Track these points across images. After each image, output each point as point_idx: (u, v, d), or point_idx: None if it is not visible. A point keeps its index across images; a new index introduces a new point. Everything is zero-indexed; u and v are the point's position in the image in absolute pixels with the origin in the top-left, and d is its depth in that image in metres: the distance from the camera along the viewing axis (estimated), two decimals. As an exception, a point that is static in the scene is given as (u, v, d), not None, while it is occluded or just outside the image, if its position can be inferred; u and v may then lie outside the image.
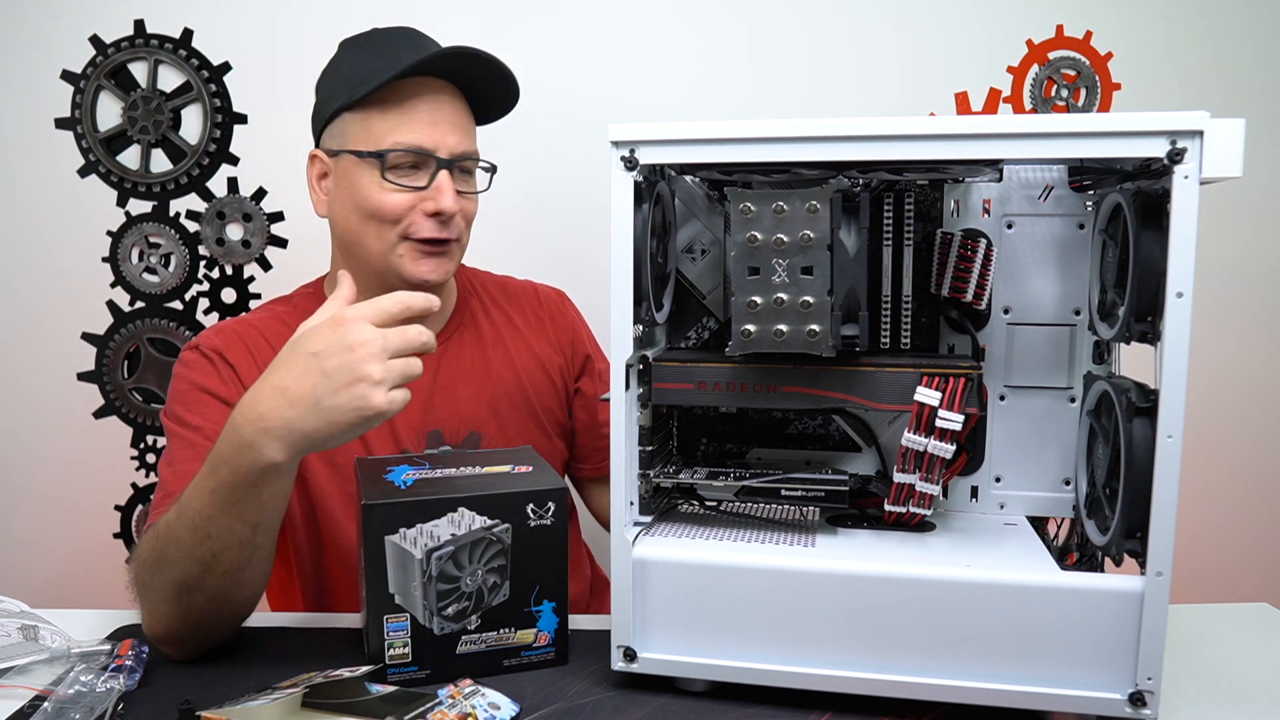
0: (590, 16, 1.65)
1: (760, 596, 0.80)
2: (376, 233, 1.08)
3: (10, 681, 0.84)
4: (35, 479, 1.74)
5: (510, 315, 1.25)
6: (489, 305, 1.25)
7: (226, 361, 1.08)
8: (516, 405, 1.19)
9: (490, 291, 1.27)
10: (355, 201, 1.08)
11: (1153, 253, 0.74)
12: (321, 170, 1.12)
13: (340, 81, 1.10)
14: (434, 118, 1.07)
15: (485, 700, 0.78)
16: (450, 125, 1.09)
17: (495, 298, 1.26)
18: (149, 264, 1.68)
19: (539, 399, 1.21)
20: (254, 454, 0.81)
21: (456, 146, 1.09)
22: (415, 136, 1.06)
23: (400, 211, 1.07)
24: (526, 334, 1.24)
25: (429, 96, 1.08)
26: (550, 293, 1.31)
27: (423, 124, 1.07)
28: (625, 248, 0.79)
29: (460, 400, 1.16)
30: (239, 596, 0.89)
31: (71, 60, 1.63)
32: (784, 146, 0.76)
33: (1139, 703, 0.74)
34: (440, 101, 1.09)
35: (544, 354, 1.23)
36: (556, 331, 1.26)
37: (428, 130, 1.07)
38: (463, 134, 1.10)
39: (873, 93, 1.67)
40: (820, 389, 0.84)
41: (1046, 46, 1.66)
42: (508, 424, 1.18)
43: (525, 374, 1.21)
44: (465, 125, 1.12)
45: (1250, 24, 1.68)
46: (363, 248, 1.10)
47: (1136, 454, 0.74)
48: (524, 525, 0.85)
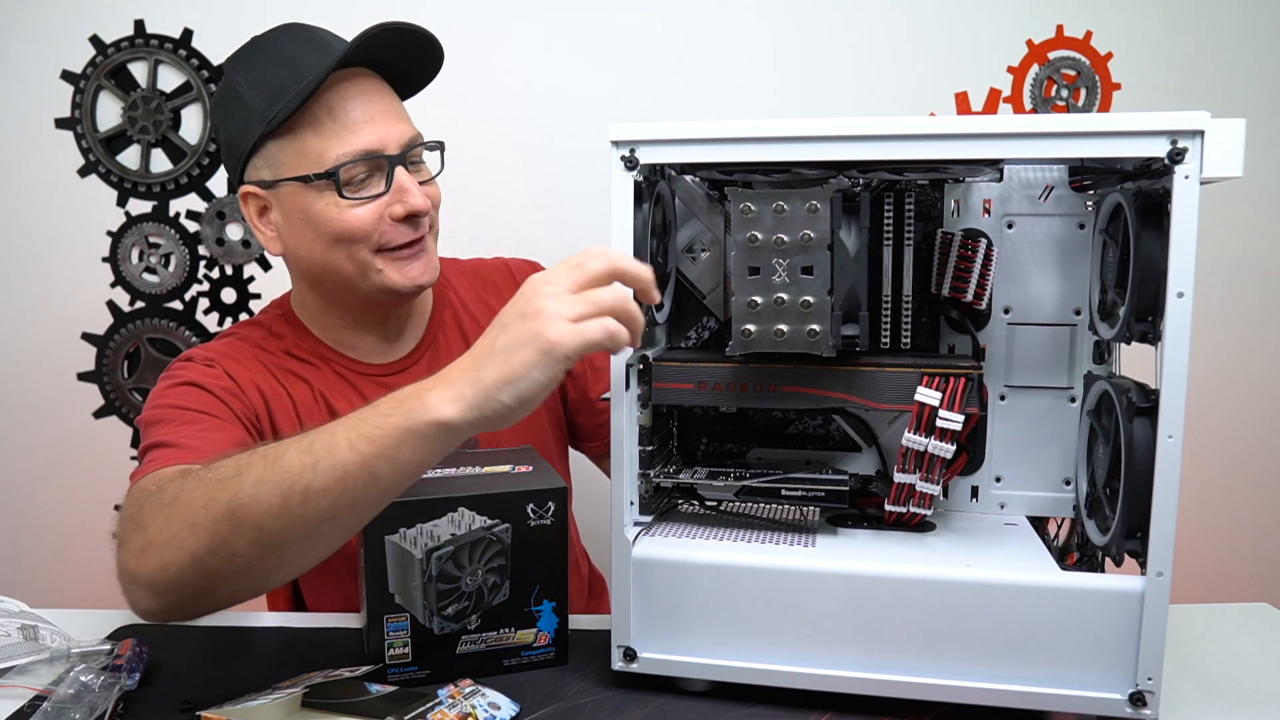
0: (590, 16, 1.65)
1: (760, 596, 0.80)
2: (348, 255, 1.00)
3: (10, 681, 0.84)
4: (35, 479, 1.74)
5: (487, 300, 1.20)
6: (464, 296, 1.20)
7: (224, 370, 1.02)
8: None
9: (463, 280, 1.21)
10: (316, 229, 0.99)
11: (1153, 253, 0.74)
12: (260, 206, 1.03)
13: (246, 109, 0.99)
14: (370, 114, 0.99)
15: (485, 700, 0.78)
16: (388, 116, 1.01)
17: (468, 285, 1.21)
18: (149, 264, 1.68)
19: None
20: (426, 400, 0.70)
21: (401, 136, 1.01)
22: (359, 142, 0.98)
23: (369, 226, 0.99)
24: None
25: (356, 94, 0.99)
26: (524, 266, 1.25)
27: (361, 125, 0.98)
28: (625, 248, 0.79)
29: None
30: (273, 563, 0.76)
31: (71, 60, 1.63)
32: (784, 146, 0.76)
33: (1139, 703, 0.74)
34: (369, 95, 1.00)
35: None
36: None
37: (369, 130, 0.98)
38: (402, 120, 1.02)
39: (873, 92, 1.67)
40: (820, 389, 0.84)
41: (1046, 46, 1.66)
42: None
43: None
44: (398, 110, 1.03)
45: (1250, 24, 1.68)
46: (336, 274, 1.02)
47: (1137, 454, 0.74)
48: (524, 525, 0.85)
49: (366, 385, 1.10)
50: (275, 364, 1.07)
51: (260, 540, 0.74)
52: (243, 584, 0.79)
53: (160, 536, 0.77)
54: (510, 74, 1.66)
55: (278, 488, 0.72)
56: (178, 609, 0.81)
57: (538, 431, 1.19)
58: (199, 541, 0.75)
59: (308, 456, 0.72)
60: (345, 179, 0.98)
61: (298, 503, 0.72)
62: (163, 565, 0.77)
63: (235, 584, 0.79)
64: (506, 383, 0.69)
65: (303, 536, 0.74)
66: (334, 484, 0.71)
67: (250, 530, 0.73)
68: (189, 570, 0.76)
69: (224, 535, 0.74)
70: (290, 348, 1.09)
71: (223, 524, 0.74)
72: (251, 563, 0.75)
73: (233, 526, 0.74)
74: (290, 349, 1.09)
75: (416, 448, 0.71)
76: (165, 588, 0.78)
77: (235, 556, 0.75)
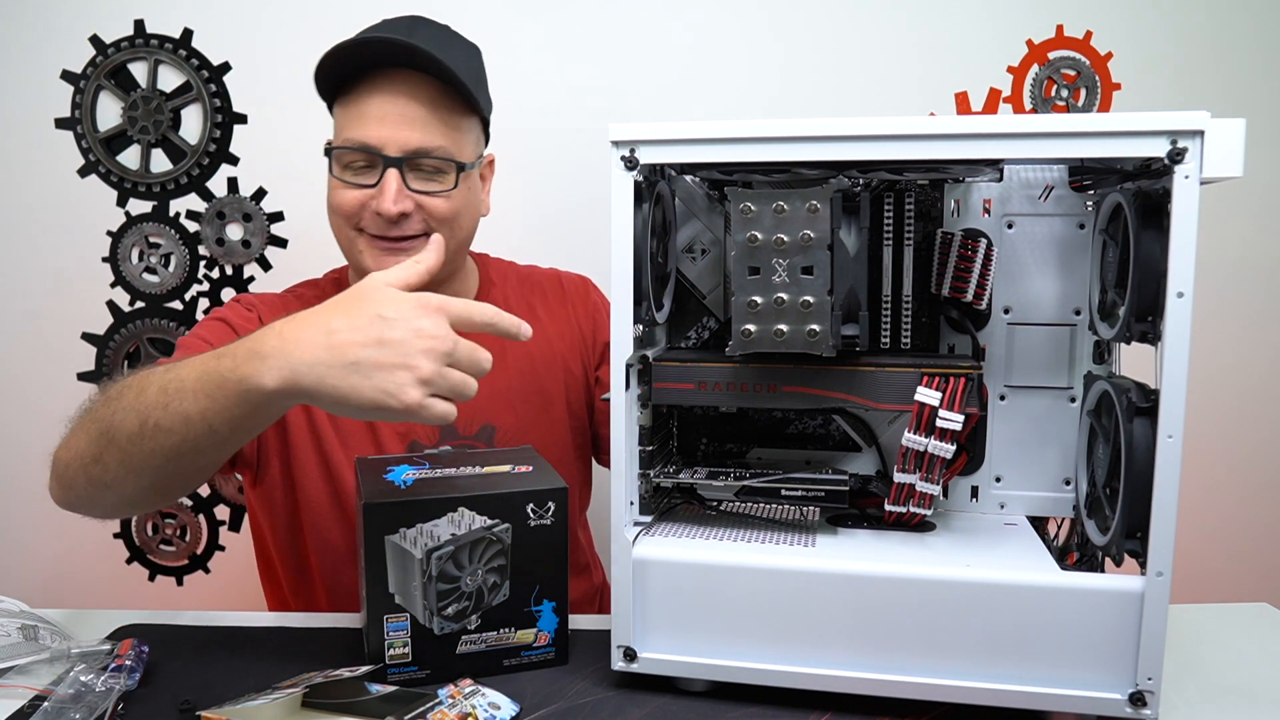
0: (590, 16, 1.65)
1: (760, 596, 0.80)
2: (339, 227, 1.10)
3: (10, 681, 0.83)
4: (35, 479, 1.74)
5: (533, 305, 1.24)
6: (510, 296, 1.24)
7: (260, 317, 1.11)
8: (531, 398, 1.18)
9: (511, 282, 1.26)
10: (326, 196, 1.10)
11: (1153, 253, 0.74)
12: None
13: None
14: (384, 112, 1.04)
15: (485, 700, 0.78)
16: (404, 120, 1.04)
17: (517, 288, 1.25)
18: (149, 264, 1.68)
19: (556, 392, 1.20)
20: (258, 366, 0.75)
21: (409, 143, 1.04)
22: (362, 133, 1.04)
23: (350, 208, 1.07)
24: (547, 324, 1.22)
25: (385, 91, 1.04)
26: (574, 279, 1.30)
27: (371, 120, 1.04)
28: (625, 248, 0.79)
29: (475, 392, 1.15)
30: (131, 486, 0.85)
31: (71, 60, 1.63)
32: (784, 146, 0.76)
33: (1139, 703, 0.74)
34: (395, 96, 1.04)
35: (565, 344, 1.22)
36: (579, 318, 1.24)
37: (375, 126, 1.04)
38: (419, 128, 1.05)
39: (873, 93, 1.67)
40: (820, 389, 0.84)
41: (1046, 46, 1.66)
42: (523, 417, 1.17)
43: (543, 367, 1.19)
44: (424, 119, 1.05)
45: (1250, 24, 1.68)
46: (338, 240, 1.12)
47: (1137, 454, 0.74)
48: (524, 525, 0.85)
49: None
50: None
51: (124, 461, 0.82)
52: (116, 495, 0.87)
53: (71, 439, 0.88)
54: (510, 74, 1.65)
55: (137, 416, 0.80)
56: (76, 504, 0.91)
57: (556, 436, 1.20)
58: (87, 450, 0.85)
59: (162, 396, 0.79)
60: (343, 161, 1.07)
61: (150, 434, 0.80)
62: (66, 462, 0.88)
63: (111, 493, 0.87)
64: (340, 400, 0.74)
65: (155, 466, 0.82)
66: (178, 426, 0.79)
67: (117, 450, 0.82)
68: (79, 473, 0.86)
69: (100, 449, 0.83)
70: None
71: (100, 439, 0.83)
72: (119, 478, 0.84)
73: (106, 443, 0.83)
74: None
75: (249, 409, 0.78)
76: (65, 482, 0.89)
77: (107, 470, 0.84)
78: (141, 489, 0.86)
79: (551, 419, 1.19)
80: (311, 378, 0.74)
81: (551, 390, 1.20)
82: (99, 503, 0.90)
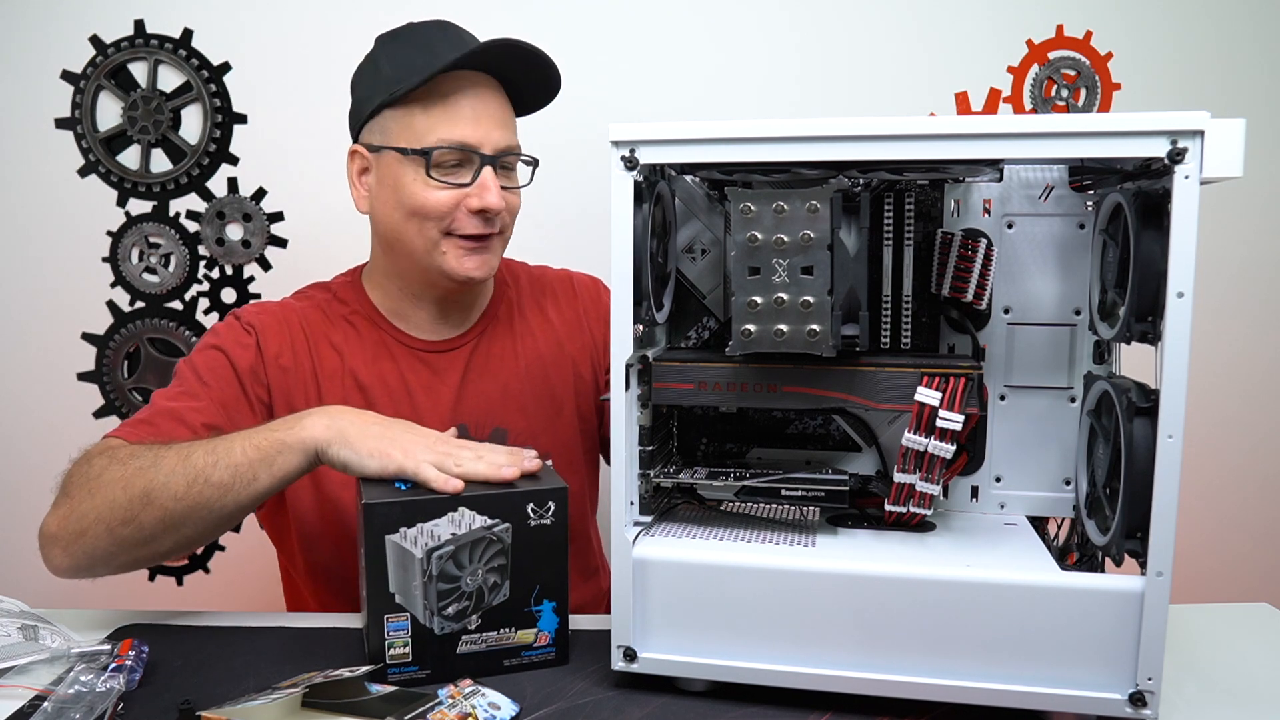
0: (591, 16, 1.65)
1: (760, 596, 0.80)
2: (419, 230, 1.08)
3: (10, 681, 0.84)
4: (35, 479, 1.74)
5: (544, 307, 1.25)
6: (523, 297, 1.24)
7: (257, 340, 1.11)
8: (543, 401, 1.18)
9: (524, 283, 1.26)
10: (399, 199, 1.07)
11: (1153, 253, 0.74)
12: (362, 166, 1.12)
13: (379, 77, 1.09)
14: (477, 113, 1.07)
15: (485, 700, 0.78)
16: (493, 121, 1.08)
17: (529, 290, 1.26)
18: (149, 264, 1.68)
19: (566, 395, 1.20)
20: (302, 424, 0.92)
21: (500, 142, 1.08)
22: (459, 133, 1.06)
23: (445, 209, 1.07)
24: (559, 326, 1.23)
25: (472, 92, 1.08)
26: (586, 280, 1.30)
27: (466, 120, 1.06)
28: (625, 248, 0.79)
29: (487, 395, 1.16)
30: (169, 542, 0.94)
31: (71, 60, 1.63)
32: (784, 146, 0.76)
33: (1139, 703, 0.74)
34: (483, 96, 1.08)
35: (575, 346, 1.22)
36: (590, 321, 1.25)
37: (471, 126, 1.06)
38: (505, 129, 1.10)
39: (873, 93, 1.67)
40: (820, 389, 0.84)
41: (1046, 46, 1.66)
42: (534, 419, 1.17)
43: (555, 369, 1.20)
44: (507, 120, 1.11)
45: (1250, 24, 1.68)
46: (405, 244, 1.10)
47: (1137, 454, 0.74)
48: (524, 525, 0.85)
49: (406, 357, 1.15)
50: (322, 330, 1.15)
51: (165, 518, 0.91)
52: (144, 551, 0.95)
53: (82, 507, 0.93)
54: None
55: (184, 478, 0.91)
56: (86, 568, 0.96)
57: (567, 438, 1.20)
58: (115, 515, 0.91)
59: (211, 456, 0.92)
60: (436, 161, 1.06)
61: (198, 491, 0.91)
62: (81, 531, 0.93)
63: (138, 550, 0.94)
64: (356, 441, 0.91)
65: (197, 519, 0.92)
66: (227, 478, 0.91)
67: (158, 510, 0.91)
68: (103, 537, 0.92)
69: (136, 511, 0.91)
70: (349, 315, 1.17)
71: (137, 503, 0.91)
72: (155, 534, 0.92)
73: (144, 505, 0.91)
74: (349, 316, 1.17)
75: (288, 459, 0.92)
76: (80, 549, 0.94)
77: (142, 529, 0.92)
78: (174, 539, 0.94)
79: (562, 421, 1.20)
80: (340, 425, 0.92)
81: (562, 393, 1.20)
82: (121, 560, 0.95)
